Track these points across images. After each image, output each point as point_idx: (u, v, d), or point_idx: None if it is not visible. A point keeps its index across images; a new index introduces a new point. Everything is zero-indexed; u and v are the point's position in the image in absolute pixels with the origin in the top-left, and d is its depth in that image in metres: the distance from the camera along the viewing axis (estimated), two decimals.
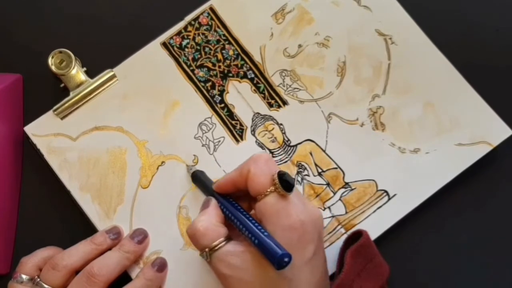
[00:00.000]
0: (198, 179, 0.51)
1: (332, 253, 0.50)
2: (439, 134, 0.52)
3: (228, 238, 0.45)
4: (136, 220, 0.52)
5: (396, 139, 0.52)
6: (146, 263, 0.51)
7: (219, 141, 0.53)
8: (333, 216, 0.51)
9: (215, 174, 0.51)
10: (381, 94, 0.53)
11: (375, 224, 0.51)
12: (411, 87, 0.53)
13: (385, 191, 0.51)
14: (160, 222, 0.51)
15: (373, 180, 0.51)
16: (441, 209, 0.53)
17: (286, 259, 0.41)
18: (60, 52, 0.53)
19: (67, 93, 0.53)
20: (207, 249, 0.45)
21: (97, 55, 0.55)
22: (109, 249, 0.50)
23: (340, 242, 0.51)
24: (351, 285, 0.46)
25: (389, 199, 0.51)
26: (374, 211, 0.51)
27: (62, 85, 0.53)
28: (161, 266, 0.50)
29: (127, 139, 0.53)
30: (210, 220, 0.45)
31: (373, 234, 0.50)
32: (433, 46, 0.53)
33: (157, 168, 0.52)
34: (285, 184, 0.44)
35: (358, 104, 0.53)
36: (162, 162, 0.52)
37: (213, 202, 0.47)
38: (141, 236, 0.50)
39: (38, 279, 0.48)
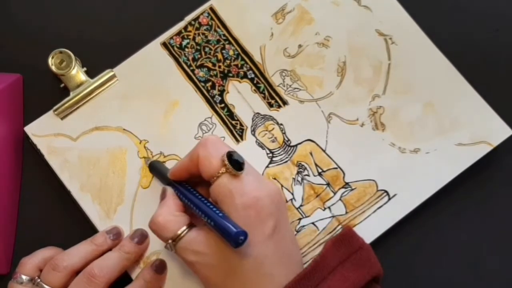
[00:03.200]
0: (155, 169, 0.51)
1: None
2: (439, 134, 0.52)
3: (191, 225, 0.46)
4: (136, 220, 0.52)
5: (396, 139, 0.52)
6: (146, 263, 0.51)
7: None
8: (333, 216, 0.51)
9: None
10: (381, 94, 0.53)
11: (375, 224, 0.51)
12: (411, 87, 0.53)
13: (385, 191, 0.51)
14: None
15: (373, 180, 0.52)
16: (441, 209, 0.53)
17: (241, 237, 0.42)
18: (60, 52, 0.53)
19: (67, 93, 0.53)
20: (170, 241, 0.45)
21: (97, 55, 0.55)
22: (110, 249, 0.50)
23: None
24: (331, 272, 0.45)
25: (389, 199, 0.51)
26: (374, 211, 0.51)
27: (62, 85, 0.53)
28: (160, 267, 0.50)
29: (127, 139, 0.53)
30: (169, 211, 0.46)
31: (373, 234, 0.50)
32: (433, 46, 0.53)
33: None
34: (235, 163, 0.45)
35: (358, 104, 0.53)
36: (163, 162, 0.52)
37: (169, 191, 0.48)
38: (141, 237, 0.50)
39: (39, 280, 0.48)
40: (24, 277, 0.48)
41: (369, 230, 0.50)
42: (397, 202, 0.51)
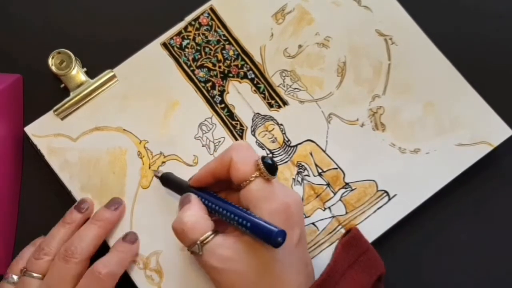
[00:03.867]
0: (169, 180, 0.51)
1: (331, 253, 0.50)
2: (439, 134, 0.52)
3: (215, 232, 0.45)
4: (136, 220, 0.52)
5: (396, 139, 0.52)
6: (146, 264, 0.51)
7: (219, 141, 0.53)
8: (333, 217, 0.51)
9: None
10: (381, 94, 0.53)
11: (375, 225, 0.51)
12: (411, 87, 0.53)
13: (385, 192, 0.51)
14: (160, 222, 0.51)
15: (373, 181, 0.52)
16: (441, 210, 0.53)
17: (281, 237, 0.42)
18: (60, 52, 0.53)
19: (67, 93, 0.53)
20: (198, 242, 0.44)
21: (97, 55, 0.55)
22: (84, 222, 0.50)
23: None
24: (343, 275, 0.46)
25: (389, 199, 0.51)
26: (374, 211, 0.51)
27: (62, 85, 0.53)
28: (131, 239, 0.50)
29: (127, 140, 0.53)
30: (198, 213, 0.46)
31: (373, 235, 0.50)
32: (433, 46, 0.53)
33: (158, 169, 0.52)
34: (269, 167, 0.45)
35: (358, 104, 0.53)
36: (163, 162, 0.52)
37: (194, 196, 0.47)
38: (115, 203, 0.51)
39: (25, 270, 0.49)
40: (15, 276, 0.49)
41: (369, 230, 0.50)
42: (397, 203, 0.51)
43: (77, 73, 0.53)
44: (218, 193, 0.48)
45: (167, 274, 0.51)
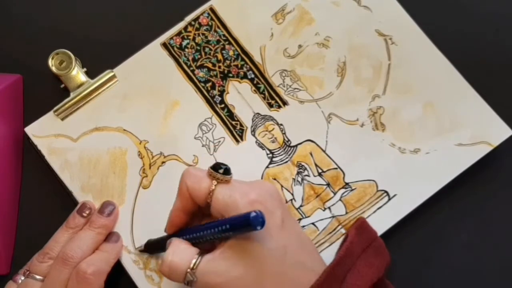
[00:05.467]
0: (152, 243, 0.50)
1: (332, 253, 0.50)
2: (439, 134, 0.52)
3: (201, 253, 0.45)
4: (137, 220, 0.52)
5: (396, 139, 0.52)
6: (146, 264, 0.51)
7: (219, 141, 0.53)
8: (333, 217, 0.51)
9: None
10: (381, 94, 0.53)
11: (376, 225, 0.50)
12: (411, 87, 0.53)
13: (385, 192, 0.51)
14: (161, 223, 0.51)
15: (373, 181, 0.52)
16: (441, 210, 0.53)
17: (260, 217, 0.40)
18: (60, 52, 0.53)
19: (67, 93, 0.53)
20: (188, 270, 0.44)
21: (97, 55, 0.55)
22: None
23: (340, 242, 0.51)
24: (358, 257, 0.46)
25: (389, 199, 0.51)
26: (374, 211, 0.51)
27: (62, 85, 0.53)
28: (115, 239, 0.51)
29: (128, 140, 0.53)
30: (178, 247, 0.45)
31: None
32: (433, 46, 0.53)
33: (158, 169, 0.52)
34: (222, 170, 0.45)
35: (358, 105, 0.53)
36: (163, 162, 0.52)
37: (173, 238, 0.47)
38: (108, 209, 0.51)
39: (28, 272, 0.49)
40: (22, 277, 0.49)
41: None
42: (397, 203, 0.51)
43: (77, 73, 0.53)
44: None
45: None
